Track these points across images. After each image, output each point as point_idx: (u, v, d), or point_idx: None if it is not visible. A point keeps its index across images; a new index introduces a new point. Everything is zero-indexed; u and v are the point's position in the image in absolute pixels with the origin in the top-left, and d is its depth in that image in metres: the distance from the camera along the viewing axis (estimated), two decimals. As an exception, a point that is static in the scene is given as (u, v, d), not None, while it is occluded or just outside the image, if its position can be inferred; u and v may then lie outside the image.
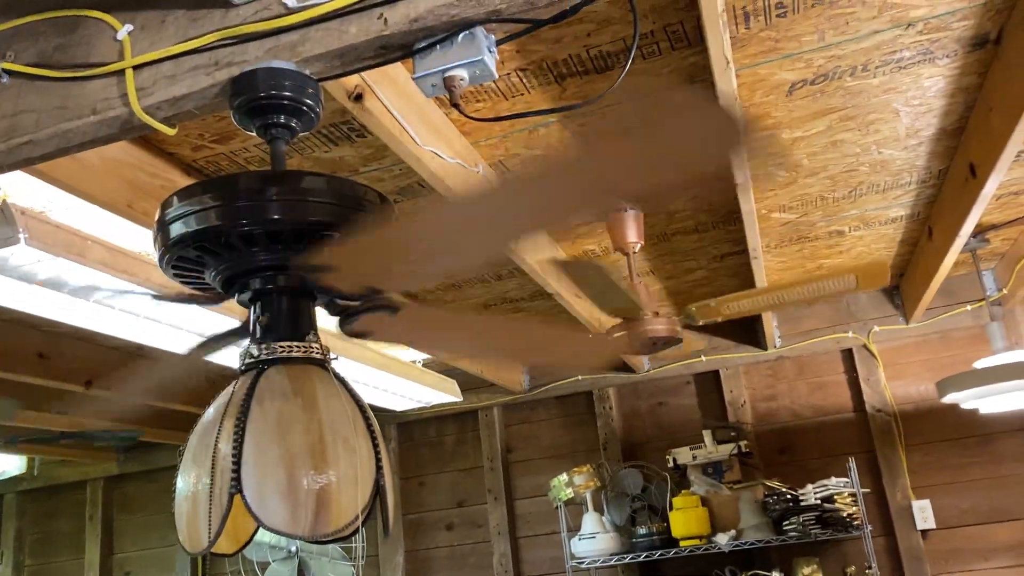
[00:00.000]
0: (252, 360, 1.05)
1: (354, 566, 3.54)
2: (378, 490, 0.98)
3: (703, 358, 4.09)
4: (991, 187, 2.31)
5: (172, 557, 4.72)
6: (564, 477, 3.71)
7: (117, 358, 3.21)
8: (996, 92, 2.04)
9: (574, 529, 3.75)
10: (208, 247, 1.04)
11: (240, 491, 0.91)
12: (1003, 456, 3.67)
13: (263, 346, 1.05)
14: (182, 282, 1.12)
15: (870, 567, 3.32)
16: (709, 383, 4.14)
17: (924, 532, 3.67)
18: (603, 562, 3.62)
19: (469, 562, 4.29)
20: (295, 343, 1.06)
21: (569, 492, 3.69)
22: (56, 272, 1.90)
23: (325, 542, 1.03)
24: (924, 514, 3.65)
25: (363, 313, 1.18)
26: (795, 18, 1.76)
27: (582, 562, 3.62)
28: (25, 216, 1.76)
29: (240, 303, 1.11)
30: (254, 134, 1.20)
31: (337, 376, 1.06)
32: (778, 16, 1.74)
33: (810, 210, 2.81)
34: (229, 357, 2.83)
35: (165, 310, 2.25)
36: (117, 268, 1.99)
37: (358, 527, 0.99)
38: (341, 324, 1.17)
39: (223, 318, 2.33)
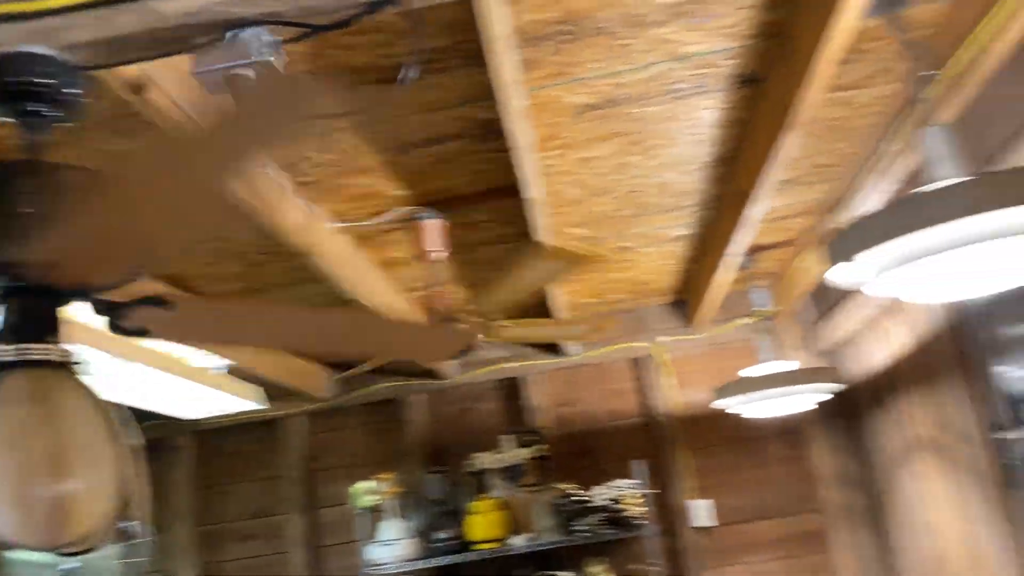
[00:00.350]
0: (-8, 362, 0.98)
1: (136, 583, 3.34)
2: (126, 499, 0.95)
3: (505, 365, 4.20)
4: (757, 211, 2.55)
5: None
6: (365, 484, 3.69)
7: None
8: (761, 126, 2.26)
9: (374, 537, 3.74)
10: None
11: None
12: (771, 459, 4.03)
13: (4, 348, 0.99)
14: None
15: (652, 564, 3.54)
16: (512, 389, 4.26)
17: (704, 529, 3.95)
18: (398, 568, 3.63)
19: (265, 573, 4.16)
20: (39, 345, 1.00)
21: (370, 499, 3.67)
22: None
23: (72, 554, 0.98)
24: (703, 513, 3.94)
25: (133, 308, 1.13)
26: (581, 45, 1.87)
27: (378, 569, 3.61)
28: None
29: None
30: (11, 120, 1.13)
31: (82, 381, 1.01)
32: (565, 42, 1.84)
33: (601, 227, 2.98)
34: None
35: None
36: None
37: (110, 538, 0.95)
38: (110, 323, 1.12)
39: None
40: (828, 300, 3.88)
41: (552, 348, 4.17)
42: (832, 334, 3.77)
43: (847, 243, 1.55)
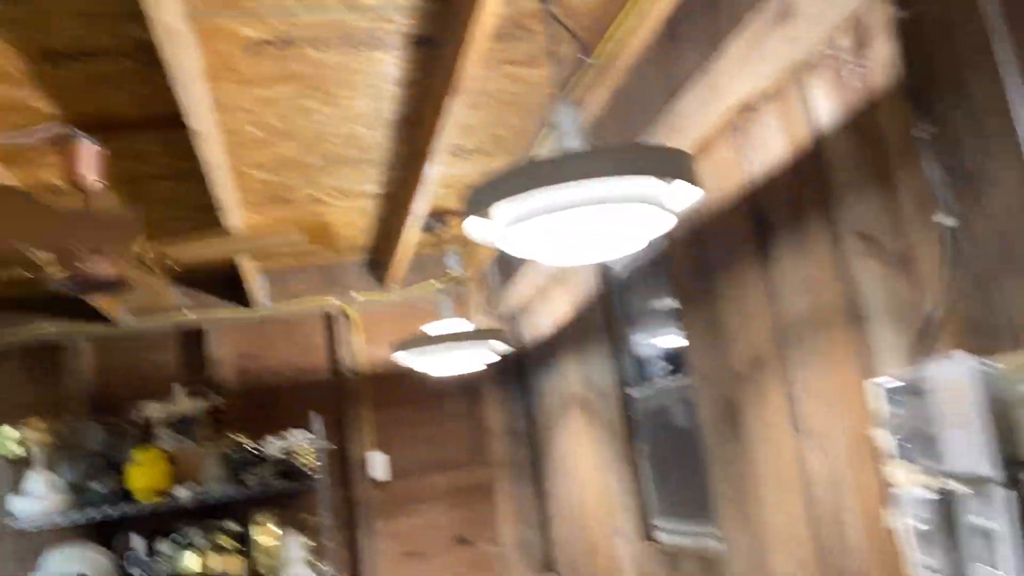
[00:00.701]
0: None
1: None
2: None
3: (187, 314, 4.02)
4: (434, 173, 2.66)
5: None
6: (11, 431, 3.36)
7: None
8: (434, 89, 2.35)
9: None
10: None
11: None
12: (449, 415, 4.24)
13: None
14: None
15: (319, 515, 3.58)
16: (194, 340, 4.08)
17: (378, 483, 4.08)
18: (46, 523, 3.36)
19: None
20: None
21: (17, 448, 3.35)
22: None
23: None
24: (379, 466, 4.06)
25: None
26: (252, -24, 1.83)
27: (21, 522, 3.32)
28: None
29: None
30: None
31: None
32: (234, -30, 1.80)
33: (287, 172, 2.94)
34: None
35: None
36: None
37: None
38: None
39: None
40: (510, 268, 4.15)
41: (240, 299, 4.05)
42: (512, 299, 4.04)
43: (479, 197, 1.67)
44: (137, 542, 3.42)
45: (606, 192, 1.61)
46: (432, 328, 3.41)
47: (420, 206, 2.97)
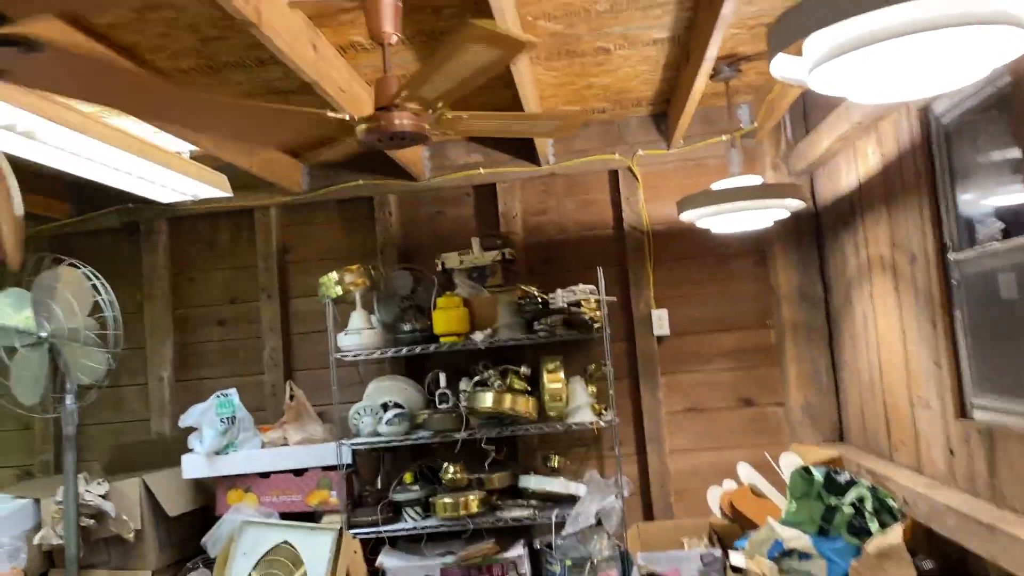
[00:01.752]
0: None
1: (109, 353, 3.48)
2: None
3: (481, 171, 4.18)
4: (728, 8, 2.44)
5: (-85, 346, 4.43)
6: (334, 275, 3.76)
7: None
8: (736, -88, 2.11)
9: (343, 326, 3.86)
10: None
11: None
12: (734, 275, 4.10)
13: None
14: None
15: (605, 364, 3.67)
16: (486, 196, 4.26)
17: (660, 338, 4.09)
18: (367, 355, 3.78)
19: (240, 356, 4.34)
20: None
21: (338, 290, 3.76)
22: None
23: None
24: (661, 322, 4.06)
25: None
26: None
27: (347, 355, 3.76)
28: None
29: None
30: None
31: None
32: None
33: (575, 22, 2.86)
34: None
35: None
36: None
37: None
38: None
39: None
40: (807, 118, 3.81)
41: (528, 157, 4.13)
42: (809, 153, 3.72)
43: (790, 29, 1.49)
44: (443, 379, 3.74)
45: (955, 8, 1.35)
46: (721, 184, 3.25)
47: (712, 50, 2.76)
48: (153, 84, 1.56)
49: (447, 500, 3.53)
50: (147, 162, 3.22)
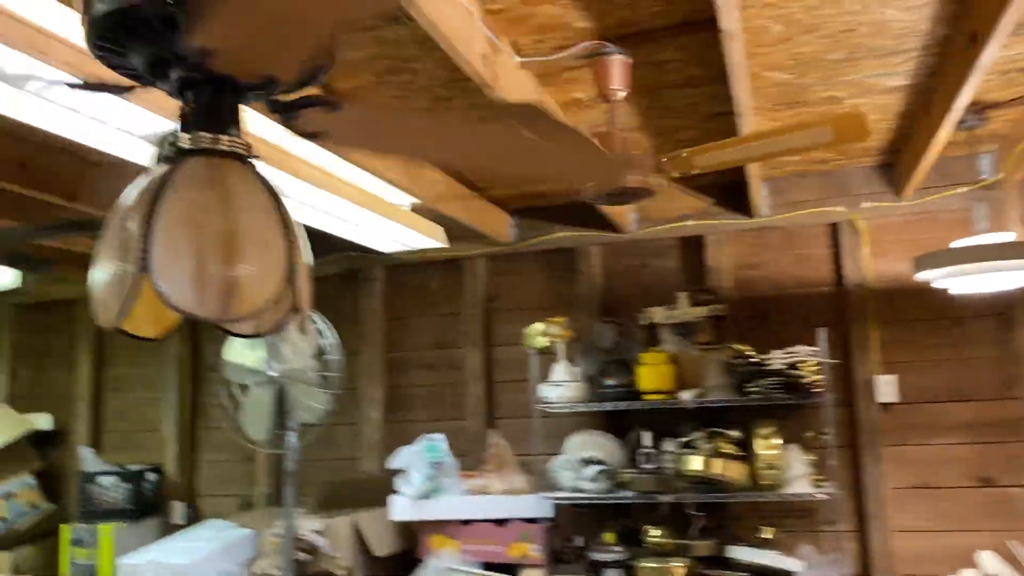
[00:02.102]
0: (172, 148, 1.04)
1: (330, 394, 3.66)
2: (292, 283, 1.00)
3: (689, 222, 4.08)
4: (989, 56, 2.23)
5: (162, 376, 4.89)
6: (540, 326, 3.78)
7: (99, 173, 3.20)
8: (1005, -50, 1.93)
9: (547, 378, 3.86)
10: (130, 28, 1.01)
11: (148, 270, 0.93)
12: (971, 339, 3.72)
13: (185, 135, 1.04)
14: (110, 66, 1.10)
15: (825, 433, 3.43)
16: (693, 248, 4.15)
17: (885, 405, 3.77)
18: (570, 409, 3.75)
19: (445, 401, 4.45)
20: (219, 135, 1.05)
21: (543, 341, 3.77)
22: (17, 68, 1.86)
23: (247, 335, 1.05)
24: (887, 388, 3.74)
25: (302, 108, 1.16)
26: None
27: (550, 407, 3.75)
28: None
29: (170, 94, 1.09)
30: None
31: (259, 173, 1.05)
32: None
33: (806, 71, 2.73)
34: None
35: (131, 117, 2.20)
36: (80, 70, 1.95)
37: (276, 319, 1.01)
38: (284, 122, 1.15)
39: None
40: (1067, 169, 3.42)
41: (739, 208, 3.98)
42: (1066, 208, 3.34)
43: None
44: (647, 438, 3.64)
45: None
46: (966, 241, 2.97)
47: (963, 99, 2.54)
48: (450, 123, 1.60)
49: (652, 565, 3.40)
50: (372, 214, 3.39)
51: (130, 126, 2.25)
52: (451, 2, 2.00)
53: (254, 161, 1.07)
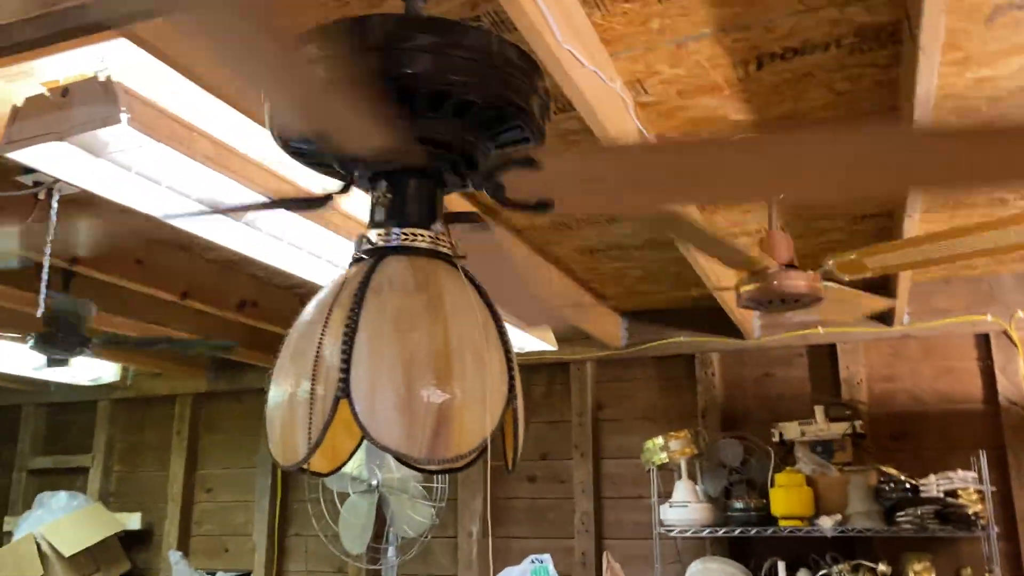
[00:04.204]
0: (370, 247, 0.87)
1: (434, 507, 3.43)
2: (512, 414, 0.80)
3: (820, 330, 3.79)
4: None
5: (253, 479, 4.74)
6: (660, 440, 3.50)
7: (214, 270, 3.14)
8: None
9: (664, 496, 3.55)
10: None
11: (348, 395, 0.74)
12: None
13: (384, 231, 0.87)
14: (295, 154, 0.95)
15: (991, 571, 3.02)
16: (823, 357, 3.84)
17: (1054, 541, 3.33)
18: (693, 532, 3.42)
19: (549, 516, 4.15)
20: (422, 231, 0.87)
21: (663, 456, 3.48)
22: (157, 162, 1.78)
23: (440, 471, 0.85)
24: (1056, 521, 3.31)
25: (502, 169, 0.99)
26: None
27: (671, 530, 3.43)
28: (129, 96, 1.63)
29: (358, 179, 0.93)
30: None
31: (469, 276, 0.87)
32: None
33: (977, 169, 2.48)
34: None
35: (265, 219, 2.12)
36: (221, 164, 1.86)
37: (478, 458, 0.81)
38: (494, 196, 0.98)
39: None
40: None
41: (877, 316, 3.68)
42: None
43: None
44: (781, 569, 3.27)
45: None
46: None
47: None
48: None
49: None
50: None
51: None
52: (608, 91, 1.85)
53: (460, 263, 0.89)
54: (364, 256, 0.86)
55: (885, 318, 3.64)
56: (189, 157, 1.79)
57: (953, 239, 1.90)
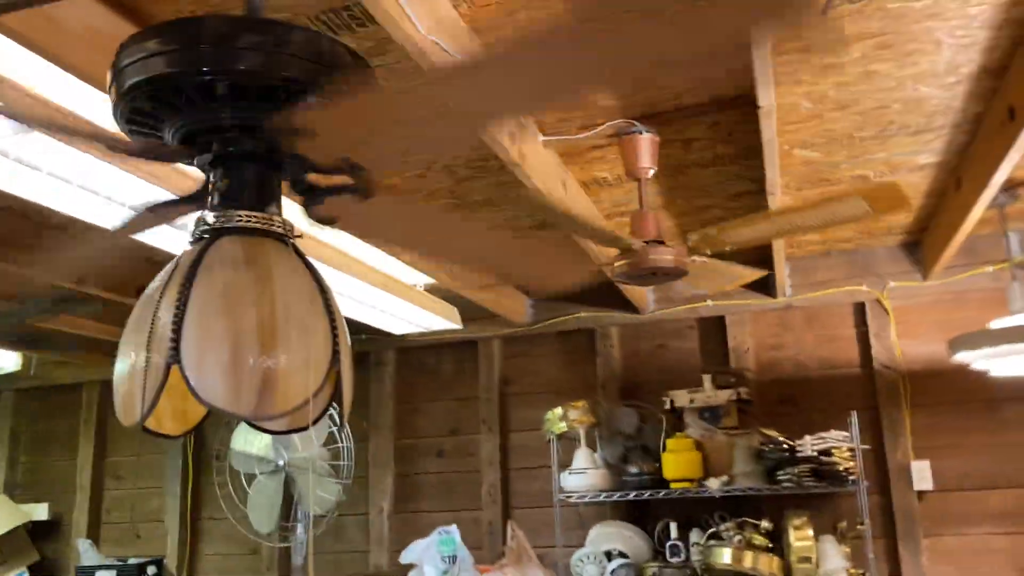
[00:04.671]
0: (205, 227, 0.95)
1: (341, 484, 3.51)
2: (334, 377, 0.89)
3: (709, 302, 3.99)
4: (1030, 131, 2.17)
5: (163, 464, 4.73)
6: (559, 411, 3.65)
7: (29, 227, 2.92)
8: (1048, 25, 1.89)
9: (565, 465, 3.70)
10: (165, 98, 0.94)
11: (178, 362, 0.82)
12: (1008, 423, 3.58)
13: (218, 214, 0.95)
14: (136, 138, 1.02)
15: (862, 523, 3.26)
16: (713, 328, 4.05)
17: (920, 493, 3.60)
18: (592, 497, 3.58)
19: (458, 490, 4.27)
20: (255, 213, 0.96)
21: (563, 426, 3.63)
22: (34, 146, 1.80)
23: (275, 432, 0.94)
24: (922, 475, 3.58)
25: (330, 194, 1.08)
26: (839, -79, 1.61)
27: (570, 496, 3.58)
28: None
29: (199, 167, 1.01)
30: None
31: (299, 253, 0.96)
32: (820, -83, 1.59)
33: (835, 149, 2.68)
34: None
35: (99, 178, 2.08)
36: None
37: (312, 417, 0.90)
38: (306, 204, 1.07)
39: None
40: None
41: (761, 288, 3.89)
42: (1101, 287, 3.24)
43: None
44: (673, 529, 3.46)
45: None
46: (1003, 321, 2.87)
47: (1000, 175, 2.48)
48: (455, 224, 1.52)
49: (682, 668, 3.19)
50: (388, 295, 3.30)
51: (97, 186, 2.12)
52: None
53: (295, 241, 0.98)
54: (200, 237, 0.95)
55: (769, 290, 3.85)
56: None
57: (793, 215, 2.07)
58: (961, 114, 2.46)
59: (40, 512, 4.77)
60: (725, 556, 3.22)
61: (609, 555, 3.50)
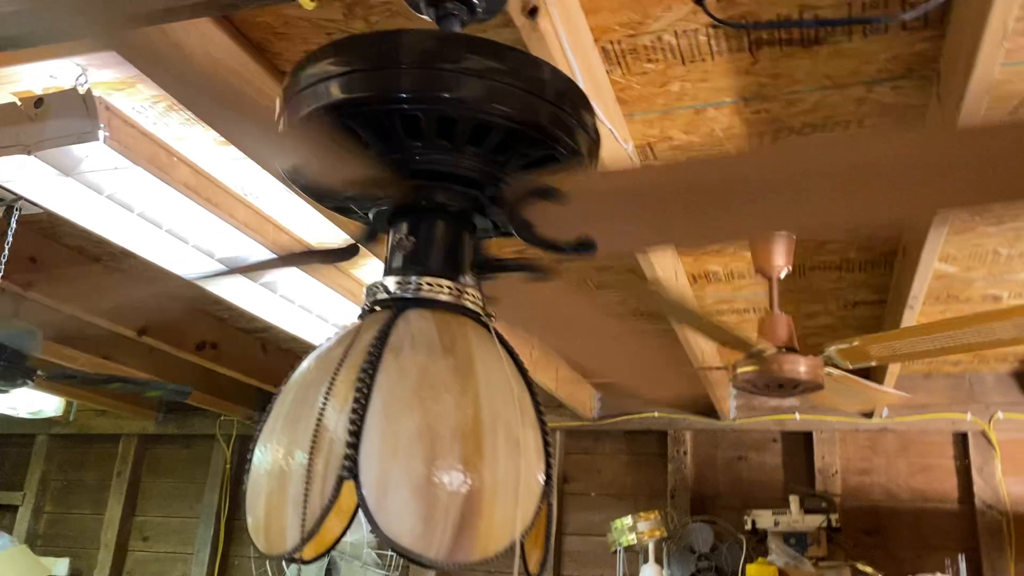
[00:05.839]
0: (386, 297, 0.74)
1: (387, 575, 3.22)
2: (545, 512, 0.67)
3: (796, 416, 3.70)
4: None
5: (193, 530, 4.47)
6: (628, 520, 3.35)
7: (176, 307, 2.96)
8: None
9: (627, 578, 3.39)
10: (364, 131, 0.74)
11: (355, 476, 0.60)
12: None
13: (403, 280, 0.74)
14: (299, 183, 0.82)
15: None
16: (798, 444, 3.74)
17: (1027, 653, 3.22)
18: (659, 621, 3.25)
19: (505, 593, 3.94)
20: (448, 282, 0.75)
21: (632, 538, 3.33)
22: (132, 186, 1.64)
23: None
24: (1031, 633, 3.20)
25: (509, 271, 0.87)
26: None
27: (635, 617, 3.26)
28: (110, 112, 1.51)
29: (374, 219, 0.81)
30: (423, 16, 0.91)
31: (500, 339, 0.74)
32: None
33: (975, 265, 2.44)
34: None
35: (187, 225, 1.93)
36: (201, 195, 1.73)
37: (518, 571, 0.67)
38: (516, 228, 0.86)
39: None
40: None
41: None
42: None
43: None
44: (750, 666, 3.11)
45: None
46: None
47: None
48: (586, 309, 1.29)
49: None
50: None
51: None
52: (618, 151, 1.76)
53: (490, 323, 0.76)
54: (378, 308, 0.73)
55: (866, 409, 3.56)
56: (167, 184, 1.66)
57: (963, 328, 1.82)
58: (1124, 239, 2.22)
59: (60, 567, 4.51)
60: None
61: None
